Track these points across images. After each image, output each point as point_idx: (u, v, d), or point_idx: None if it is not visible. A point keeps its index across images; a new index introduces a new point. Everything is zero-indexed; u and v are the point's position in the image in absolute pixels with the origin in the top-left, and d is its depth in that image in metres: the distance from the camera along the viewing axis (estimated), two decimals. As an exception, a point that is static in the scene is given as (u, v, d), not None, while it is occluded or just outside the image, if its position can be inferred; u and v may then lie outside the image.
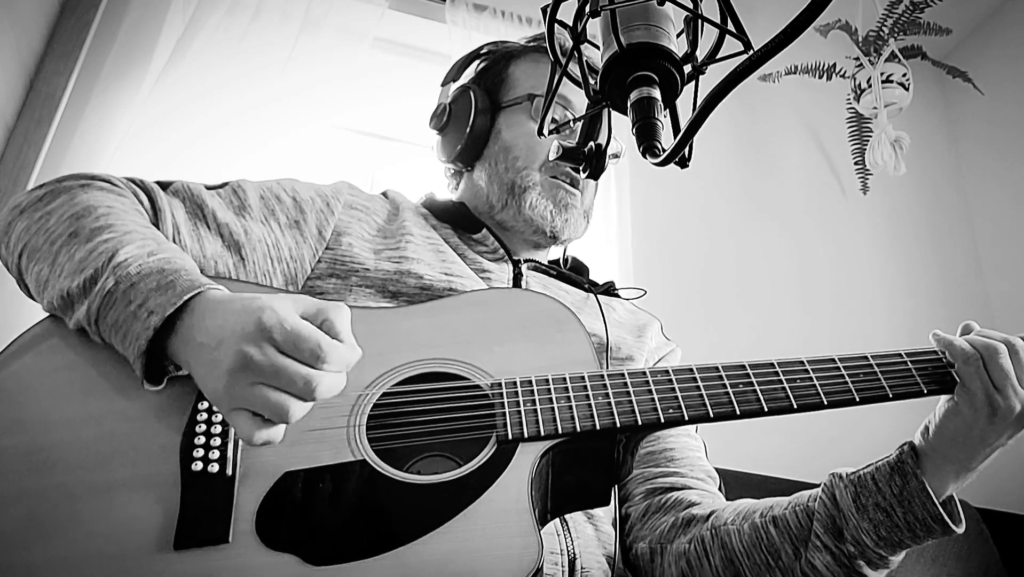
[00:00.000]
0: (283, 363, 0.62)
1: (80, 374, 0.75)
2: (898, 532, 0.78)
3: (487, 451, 0.73)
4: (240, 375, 0.63)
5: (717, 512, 0.91)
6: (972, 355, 0.78)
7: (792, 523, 0.84)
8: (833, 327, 2.31)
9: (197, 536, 0.66)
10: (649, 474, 1.01)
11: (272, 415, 0.63)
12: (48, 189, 0.86)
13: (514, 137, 1.12)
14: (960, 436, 0.78)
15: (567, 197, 1.10)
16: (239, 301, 0.68)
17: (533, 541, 0.66)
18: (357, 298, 0.94)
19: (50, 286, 0.77)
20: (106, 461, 0.70)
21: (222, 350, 0.64)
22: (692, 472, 1.02)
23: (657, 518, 0.96)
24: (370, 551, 0.65)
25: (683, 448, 1.04)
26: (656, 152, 0.56)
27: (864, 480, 0.81)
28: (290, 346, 0.63)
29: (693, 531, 0.91)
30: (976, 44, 2.77)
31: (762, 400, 0.77)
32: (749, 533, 0.86)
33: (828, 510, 0.82)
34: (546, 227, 1.09)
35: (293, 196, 1.01)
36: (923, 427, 0.82)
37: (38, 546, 0.65)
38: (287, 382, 0.62)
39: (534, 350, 0.83)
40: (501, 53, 1.21)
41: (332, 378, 0.64)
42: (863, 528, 0.79)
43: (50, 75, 1.86)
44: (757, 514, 0.87)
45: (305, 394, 0.63)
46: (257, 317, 0.64)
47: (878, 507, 0.79)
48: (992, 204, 2.62)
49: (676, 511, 0.95)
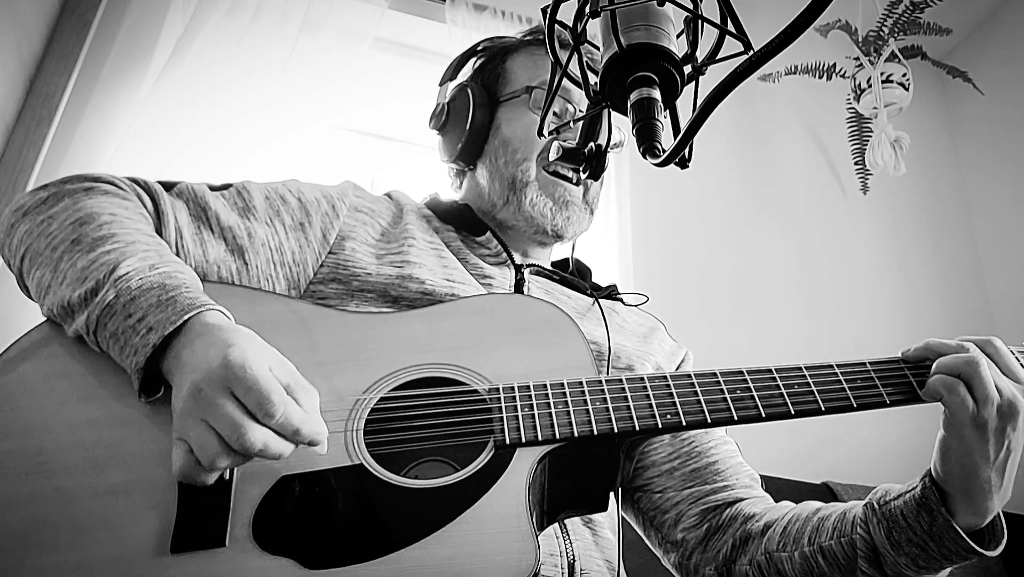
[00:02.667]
0: (222, 404, 0.62)
1: (78, 380, 0.75)
2: (936, 562, 0.78)
3: (484, 456, 0.73)
4: (191, 407, 0.64)
5: (770, 531, 0.91)
6: (953, 383, 0.76)
7: (839, 555, 0.84)
8: (833, 326, 2.31)
9: (194, 540, 0.66)
10: (700, 493, 0.99)
11: (198, 455, 0.63)
12: (51, 192, 0.86)
13: (513, 130, 1.11)
14: (964, 459, 0.77)
15: (566, 194, 1.09)
16: (226, 332, 0.68)
17: (530, 546, 0.65)
18: (359, 303, 0.94)
19: (51, 293, 0.77)
20: (104, 465, 0.70)
21: (190, 376, 0.65)
22: (740, 480, 1.01)
23: (717, 539, 0.96)
24: (367, 555, 0.65)
25: (725, 457, 1.03)
26: (656, 153, 0.55)
27: (895, 516, 0.80)
28: (242, 391, 0.62)
29: (751, 552, 0.91)
30: (976, 44, 2.77)
31: (760, 406, 0.77)
32: (800, 564, 0.86)
33: (867, 544, 0.82)
34: (547, 225, 1.09)
35: (299, 197, 1.01)
36: (934, 454, 0.80)
37: (36, 550, 0.65)
38: (219, 425, 0.62)
39: (532, 355, 0.82)
40: (497, 49, 1.20)
41: (267, 436, 0.63)
42: (901, 562, 0.79)
43: (50, 75, 1.86)
44: (806, 540, 0.87)
45: (231, 442, 0.62)
46: (224, 354, 0.64)
47: (911, 542, 0.78)
48: (992, 204, 2.61)
49: (733, 530, 0.95)
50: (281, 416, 0.63)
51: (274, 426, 0.63)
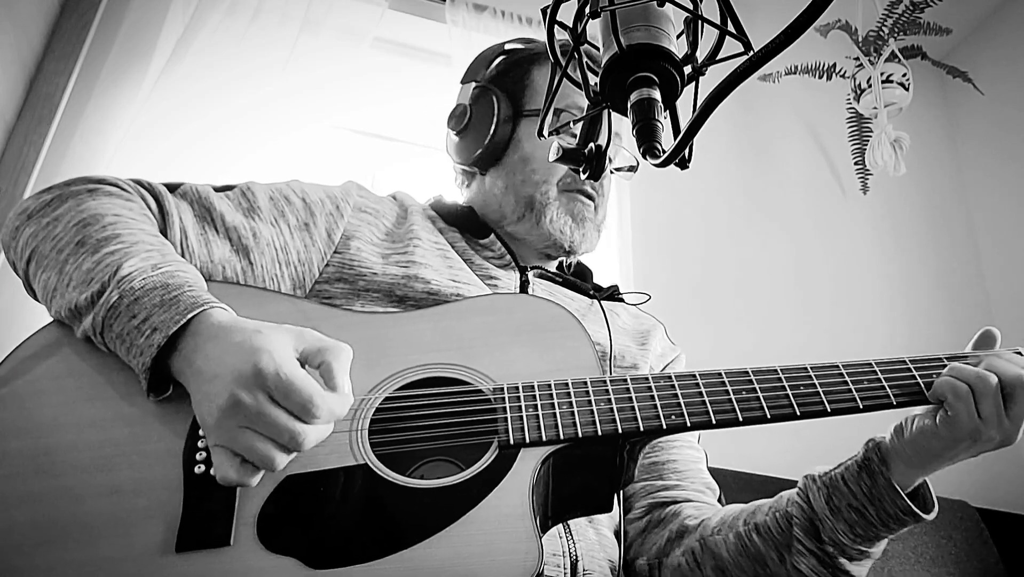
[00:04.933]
0: (273, 414, 0.63)
1: (86, 380, 0.76)
2: (872, 528, 0.80)
3: (489, 456, 0.73)
4: (231, 416, 0.64)
5: (705, 521, 0.92)
6: (964, 392, 0.76)
7: (774, 529, 0.85)
8: (833, 327, 2.31)
9: (199, 539, 0.66)
10: (652, 488, 1.01)
11: (256, 462, 0.64)
12: (55, 194, 0.86)
13: (534, 148, 1.10)
14: (934, 452, 0.78)
15: (584, 210, 1.10)
16: (240, 333, 0.68)
17: (534, 546, 0.66)
18: (364, 303, 0.94)
19: (58, 295, 0.77)
20: (110, 465, 0.70)
21: (216, 385, 0.65)
22: (693, 484, 1.02)
23: (655, 533, 0.97)
24: (371, 555, 0.65)
25: (686, 460, 1.04)
26: (656, 153, 0.55)
27: (835, 481, 0.82)
28: (282, 396, 0.63)
29: (685, 543, 0.92)
30: (976, 44, 2.77)
31: (765, 407, 0.77)
32: (735, 542, 0.87)
33: (805, 514, 0.83)
34: (564, 242, 1.08)
35: (303, 197, 1.01)
36: (896, 427, 0.82)
37: (43, 548, 0.65)
38: (275, 433, 0.63)
39: (537, 355, 0.82)
40: (525, 55, 1.18)
41: (319, 431, 0.66)
42: (839, 529, 0.81)
43: (50, 75, 1.86)
44: (741, 522, 0.88)
45: (291, 447, 0.64)
46: (254, 361, 0.64)
47: (851, 507, 0.80)
48: (992, 204, 2.61)
49: (671, 525, 0.96)
50: (326, 414, 0.64)
51: (318, 423, 0.65)
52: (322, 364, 0.67)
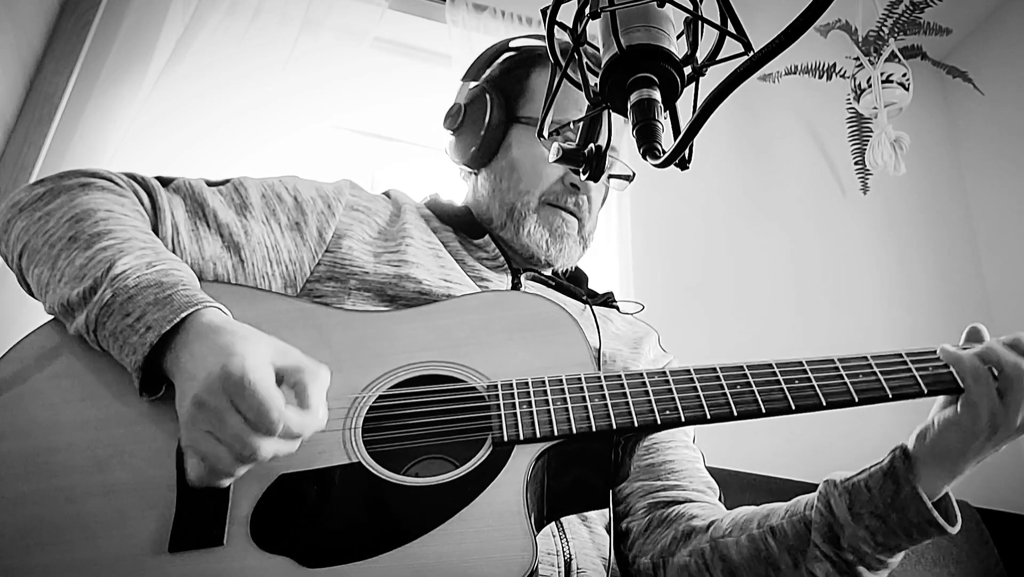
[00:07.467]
0: (229, 421, 0.62)
1: (79, 380, 0.76)
2: (894, 537, 0.78)
3: (483, 453, 0.73)
4: (197, 416, 0.64)
5: (716, 523, 0.91)
6: (984, 374, 0.75)
7: (790, 533, 0.83)
8: (832, 327, 2.31)
9: (192, 539, 0.66)
10: (650, 488, 1.00)
11: (211, 466, 0.64)
12: (48, 187, 0.86)
13: (522, 156, 1.09)
14: (957, 446, 0.76)
15: (563, 226, 1.08)
16: (228, 335, 0.68)
17: (528, 544, 0.65)
18: (355, 301, 0.93)
19: (50, 291, 0.77)
20: (104, 465, 0.70)
21: (192, 385, 0.65)
22: (693, 484, 1.01)
23: (659, 533, 0.95)
24: (365, 553, 0.65)
25: (683, 460, 1.03)
26: (656, 154, 0.55)
27: (858, 487, 0.80)
28: (240, 401, 0.62)
29: (693, 543, 0.90)
30: (976, 44, 2.77)
31: (759, 401, 0.76)
32: (748, 545, 0.85)
33: (824, 519, 0.81)
34: (541, 255, 1.08)
35: (295, 196, 1.00)
36: (919, 432, 0.80)
37: (38, 549, 0.65)
38: (227, 440, 0.63)
39: (530, 352, 0.82)
40: (526, 56, 1.17)
41: (277, 445, 0.64)
42: (860, 536, 0.78)
43: (50, 75, 1.86)
44: (754, 525, 0.86)
45: (241, 459, 0.63)
46: (223, 364, 0.63)
47: (873, 514, 0.78)
48: (992, 204, 2.61)
49: (677, 525, 0.94)
50: (281, 429, 0.63)
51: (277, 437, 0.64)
52: (297, 383, 0.66)
